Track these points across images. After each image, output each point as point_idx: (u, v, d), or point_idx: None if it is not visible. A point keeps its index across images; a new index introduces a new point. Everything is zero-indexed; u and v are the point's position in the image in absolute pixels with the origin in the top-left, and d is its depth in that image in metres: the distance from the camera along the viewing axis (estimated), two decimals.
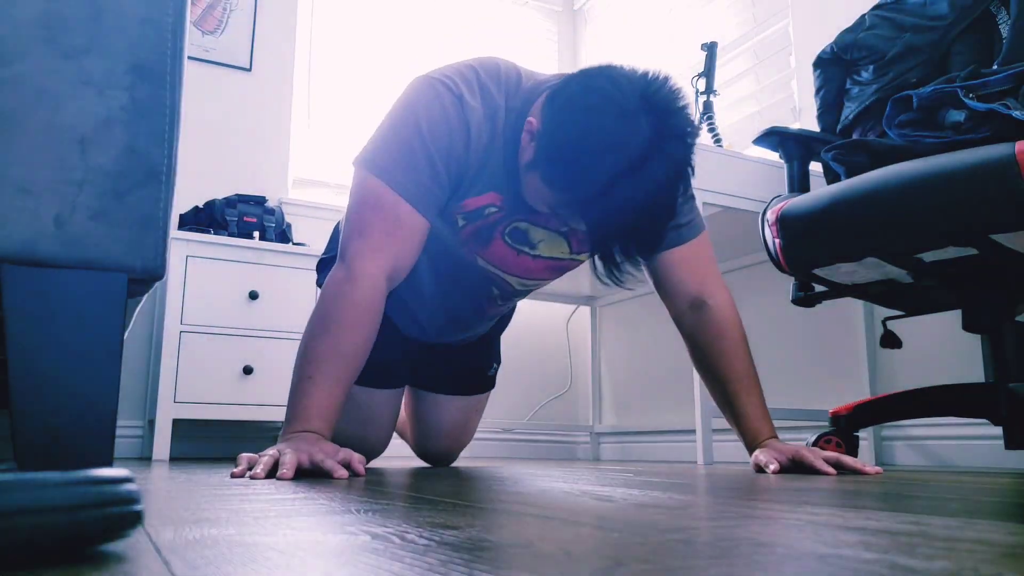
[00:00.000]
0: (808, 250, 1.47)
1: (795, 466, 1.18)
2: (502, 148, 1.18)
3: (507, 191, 1.20)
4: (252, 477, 0.92)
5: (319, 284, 1.55)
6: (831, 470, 1.13)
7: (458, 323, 1.53)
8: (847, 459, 1.16)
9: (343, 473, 0.95)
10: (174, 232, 2.38)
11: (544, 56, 3.71)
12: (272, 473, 0.94)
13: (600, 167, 1.00)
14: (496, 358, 1.79)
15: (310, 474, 0.96)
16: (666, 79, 1.05)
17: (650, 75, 1.05)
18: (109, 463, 0.66)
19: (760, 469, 1.20)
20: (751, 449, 1.28)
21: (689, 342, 1.35)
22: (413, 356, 1.62)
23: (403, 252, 1.16)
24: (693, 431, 2.61)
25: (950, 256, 1.31)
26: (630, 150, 0.99)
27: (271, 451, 0.98)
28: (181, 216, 2.61)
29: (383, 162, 1.15)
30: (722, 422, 2.17)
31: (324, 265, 1.61)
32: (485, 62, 1.22)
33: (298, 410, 1.07)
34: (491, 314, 1.54)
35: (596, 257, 1.11)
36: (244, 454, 1.02)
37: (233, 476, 0.97)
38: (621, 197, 1.00)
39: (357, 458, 1.02)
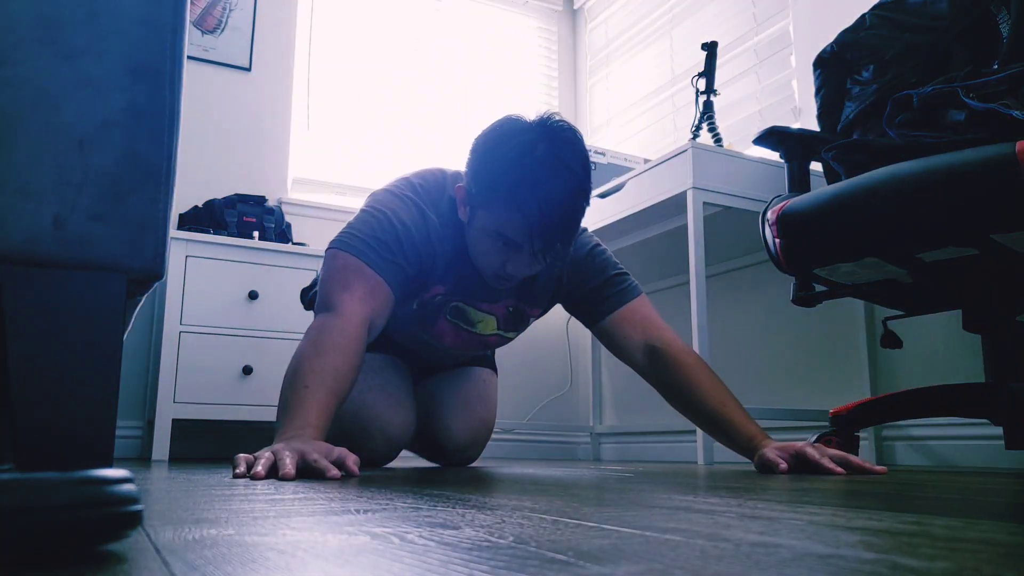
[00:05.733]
0: (808, 250, 1.47)
1: (801, 464, 1.17)
2: (453, 244, 1.40)
3: (450, 281, 1.44)
4: (253, 477, 0.92)
5: (306, 308, 1.76)
6: (839, 469, 1.12)
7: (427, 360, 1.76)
8: (854, 458, 1.16)
9: (336, 473, 0.95)
10: (174, 232, 2.38)
11: (544, 56, 3.71)
12: (272, 473, 0.94)
13: (520, 161, 1.24)
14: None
15: (304, 474, 0.96)
16: (558, 116, 1.31)
17: (545, 113, 1.30)
18: (109, 463, 0.66)
19: (768, 469, 1.19)
20: (750, 452, 1.28)
21: (658, 387, 1.45)
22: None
23: (379, 312, 1.31)
24: (693, 431, 2.61)
25: (950, 256, 1.31)
26: (539, 144, 1.24)
27: (267, 451, 0.98)
28: (181, 216, 2.60)
29: (362, 247, 1.32)
30: None
31: (308, 293, 1.79)
32: (429, 181, 1.45)
33: (292, 416, 1.09)
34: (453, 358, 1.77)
35: (539, 253, 1.30)
36: (241, 455, 1.02)
37: (235, 476, 0.97)
38: (546, 181, 1.23)
39: (352, 458, 1.02)
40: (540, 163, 1.23)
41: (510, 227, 1.27)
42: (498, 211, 1.27)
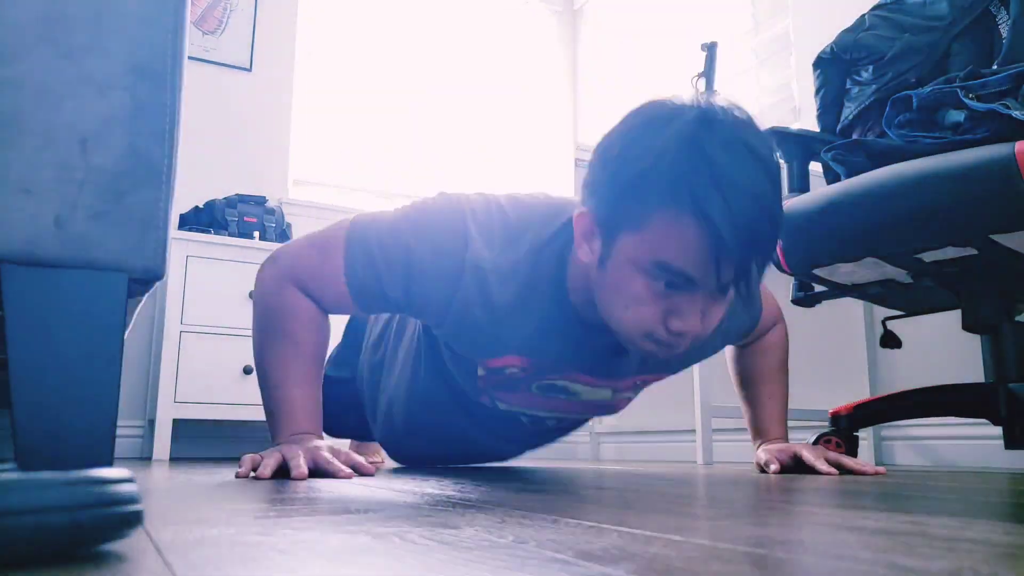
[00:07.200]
0: (808, 250, 1.47)
1: (796, 465, 1.18)
2: (527, 299, 1.02)
3: (537, 351, 1.06)
4: (259, 477, 0.92)
5: None
6: (832, 470, 1.13)
7: (497, 445, 1.37)
8: (847, 460, 1.16)
9: (349, 473, 0.94)
10: (174, 232, 2.38)
11: (544, 56, 3.71)
12: (278, 473, 0.94)
13: (687, 145, 0.84)
14: None
15: (314, 474, 0.96)
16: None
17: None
18: (109, 463, 0.66)
19: (762, 468, 1.21)
20: (757, 447, 1.29)
21: (730, 350, 1.39)
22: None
23: (324, 299, 1.07)
24: (693, 431, 2.60)
25: (950, 256, 1.31)
26: (707, 123, 0.85)
27: (274, 451, 0.97)
28: (181, 216, 2.60)
29: (357, 241, 1.05)
30: (722, 422, 2.17)
31: None
32: (518, 211, 1.05)
33: (282, 417, 1.04)
34: (539, 435, 1.34)
35: (728, 283, 0.88)
36: (247, 455, 1.01)
37: (238, 476, 0.97)
38: (730, 167, 0.83)
39: (362, 459, 1.02)
40: (717, 145, 0.84)
41: (678, 248, 0.85)
42: (657, 226, 0.85)
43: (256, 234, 2.59)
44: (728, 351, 1.40)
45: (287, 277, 1.07)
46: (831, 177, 1.69)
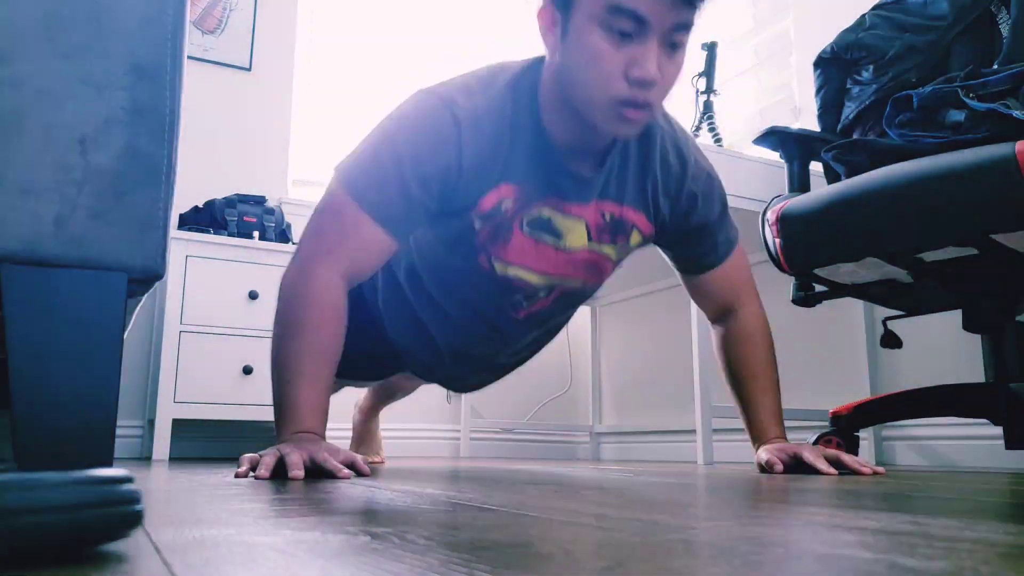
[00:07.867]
0: (808, 250, 1.47)
1: (797, 465, 1.19)
2: (512, 129, 1.13)
3: (524, 177, 1.15)
4: (257, 478, 0.92)
5: None
6: (832, 470, 1.13)
7: (495, 342, 1.42)
8: (847, 458, 1.17)
9: (347, 473, 0.95)
10: (174, 232, 2.38)
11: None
12: (277, 473, 0.94)
13: None
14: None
15: (312, 474, 0.96)
16: None
17: None
18: (109, 463, 0.66)
19: (763, 468, 1.21)
20: (756, 445, 1.30)
21: (716, 340, 1.41)
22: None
23: (358, 258, 1.13)
24: (693, 431, 2.61)
25: (950, 256, 1.31)
26: None
27: (272, 451, 0.97)
28: (181, 216, 2.60)
29: (353, 174, 1.13)
30: (722, 422, 2.17)
31: None
32: (489, 66, 1.20)
33: (287, 414, 1.06)
34: (526, 332, 1.41)
35: (674, 22, 1.03)
36: (246, 455, 1.01)
37: (237, 476, 0.97)
38: None
39: (360, 459, 1.02)
40: None
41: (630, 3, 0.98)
42: None
43: (256, 234, 2.59)
44: (713, 339, 1.40)
45: (313, 257, 1.11)
46: (831, 177, 1.69)
